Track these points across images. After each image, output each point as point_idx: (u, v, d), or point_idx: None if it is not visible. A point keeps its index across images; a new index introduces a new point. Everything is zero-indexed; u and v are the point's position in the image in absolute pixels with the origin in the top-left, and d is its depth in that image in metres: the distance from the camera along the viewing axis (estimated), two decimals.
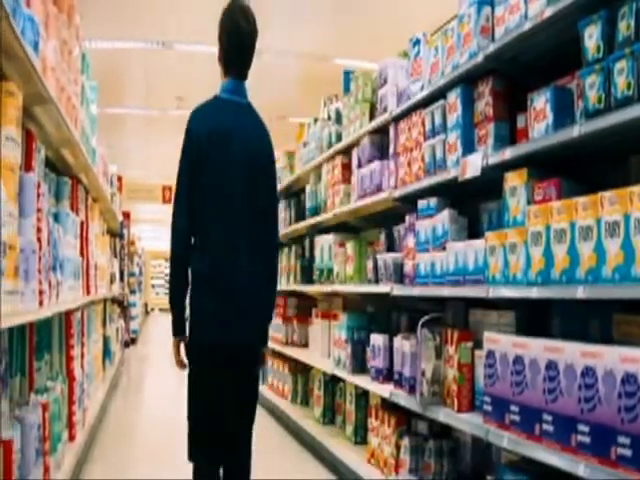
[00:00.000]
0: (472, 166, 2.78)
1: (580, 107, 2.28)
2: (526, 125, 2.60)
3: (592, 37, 2.15)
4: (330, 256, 4.92)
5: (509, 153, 2.55)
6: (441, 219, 3.12)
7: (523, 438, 2.29)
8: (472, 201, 3.21)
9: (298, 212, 6.22)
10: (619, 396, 1.85)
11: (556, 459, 2.09)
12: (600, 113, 2.07)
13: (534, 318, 2.70)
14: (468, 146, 2.95)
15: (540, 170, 2.47)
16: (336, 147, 4.85)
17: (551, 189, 2.37)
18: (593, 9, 2.15)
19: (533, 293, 2.30)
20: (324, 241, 5.11)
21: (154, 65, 9.37)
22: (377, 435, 3.78)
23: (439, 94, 3.20)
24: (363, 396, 4.37)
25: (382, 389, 3.63)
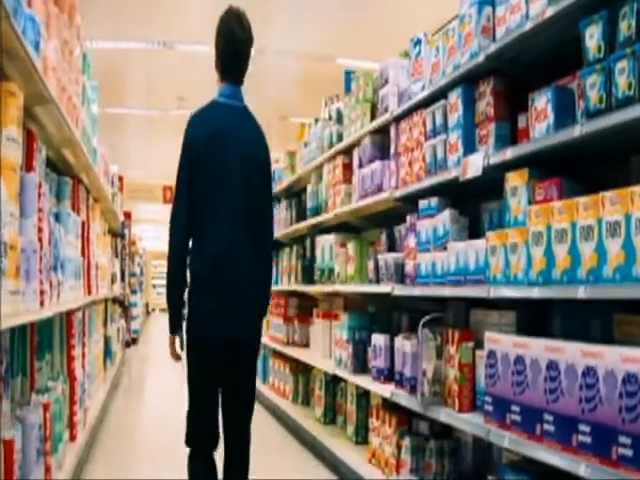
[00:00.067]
0: (473, 166, 2.78)
1: (581, 107, 2.28)
2: (527, 125, 2.59)
3: (593, 37, 2.15)
4: (331, 256, 4.92)
5: (510, 153, 2.55)
6: (442, 219, 3.12)
7: (524, 438, 2.29)
8: (473, 201, 3.21)
9: (299, 212, 6.22)
10: (620, 396, 1.84)
11: (557, 459, 2.09)
12: (601, 113, 2.07)
13: (535, 318, 2.69)
14: (469, 146, 2.95)
15: (541, 170, 2.47)
16: (337, 147, 4.85)
17: (552, 189, 2.37)
18: (594, 9, 2.15)
19: (534, 293, 2.30)
20: (325, 241, 5.10)
21: (155, 65, 9.39)
22: (378, 435, 3.78)
23: (440, 94, 3.20)
24: (364, 396, 4.37)
25: (383, 389, 3.63)
